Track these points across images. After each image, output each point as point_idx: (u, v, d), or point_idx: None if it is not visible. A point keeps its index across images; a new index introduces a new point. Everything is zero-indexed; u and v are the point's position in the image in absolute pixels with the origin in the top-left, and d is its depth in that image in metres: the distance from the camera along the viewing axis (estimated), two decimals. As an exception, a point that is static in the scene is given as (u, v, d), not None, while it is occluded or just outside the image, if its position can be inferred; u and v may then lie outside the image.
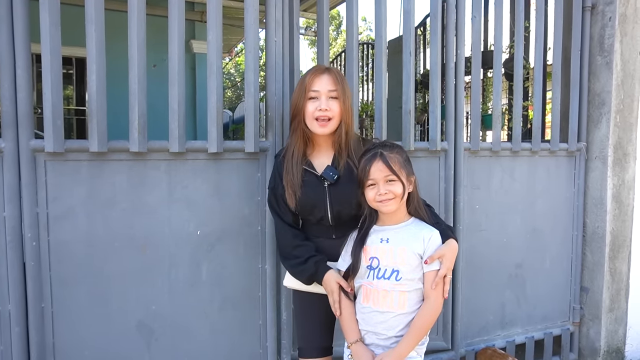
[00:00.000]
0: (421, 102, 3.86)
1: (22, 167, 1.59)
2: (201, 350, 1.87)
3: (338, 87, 1.55)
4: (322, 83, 1.55)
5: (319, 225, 1.63)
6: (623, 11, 2.40)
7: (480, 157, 2.32)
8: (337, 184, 1.58)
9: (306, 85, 1.55)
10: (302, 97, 1.56)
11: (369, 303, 1.49)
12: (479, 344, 2.37)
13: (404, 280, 1.46)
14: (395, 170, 1.45)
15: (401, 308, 1.46)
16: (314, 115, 1.54)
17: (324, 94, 1.54)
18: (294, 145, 1.60)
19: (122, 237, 1.73)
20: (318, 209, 1.59)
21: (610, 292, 2.53)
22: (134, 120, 1.68)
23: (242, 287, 1.90)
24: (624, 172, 2.50)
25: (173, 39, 1.71)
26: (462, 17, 2.20)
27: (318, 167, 1.62)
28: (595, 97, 2.51)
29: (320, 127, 1.55)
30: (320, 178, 1.59)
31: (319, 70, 1.58)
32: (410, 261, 1.47)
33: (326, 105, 1.53)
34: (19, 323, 1.62)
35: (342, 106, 1.55)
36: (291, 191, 1.57)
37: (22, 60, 1.56)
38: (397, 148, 1.52)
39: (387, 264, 1.48)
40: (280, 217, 1.64)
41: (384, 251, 1.50)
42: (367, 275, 1.51)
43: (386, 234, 1.52)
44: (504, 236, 2.40)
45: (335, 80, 1.56)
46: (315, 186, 1.59)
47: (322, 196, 1.58)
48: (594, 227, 2.54)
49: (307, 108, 1.55)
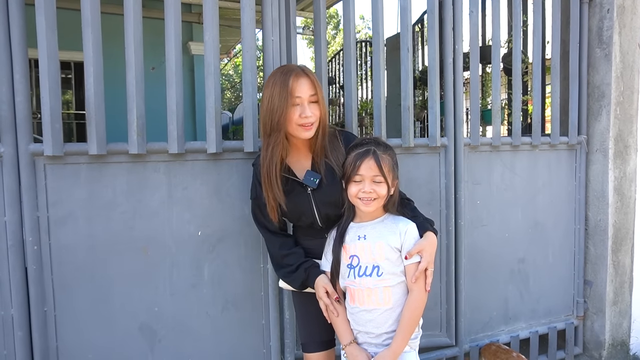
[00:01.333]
0: (420, 98, 3.85)
1: (21, 172, 1.59)
2: (204, 351, 1.87)
3: (317, 90, 1.53)
4: (304, 88, 1.50)
5: (310, 229, 1.64)
6: (621, 3, 2.39)
7: (480, 152, 2.31)
8: (320, 187, 1.56)
9: (290, 90, 1.48)
10: (284, 102, 1.48)
11: (356, 303, 1.49)
12: (482, 340, 2.37)
13: (386, 274, 1.46)
14: (384, 172, 1.44)
15: (387, 304, 1.46)
16: (297, 122, 1.50)
17: (306, 100, 1.50)
18: (271, 156, 1.51)
19: (123, 240, 1.73)
20: (306, 216, 1.58)
21: (613, 285, 2.52)
22: (132, 122, 1.68)
23: (244, 287, 1.90)
24: (625, 164, 2.49)
25: (170, 40, 1.71)
26: (460, 12, 2.20)
27: (298, 171, 1.59)
28: (595, 90, 2.50)
29: (305, 131, 1.51)
30: (303, 185, 1.57)
31: (299, 74, 1.51)
32: (389, 255, 1.47)
33: (309, 112, 1.50)
34: (21, 327, 1.62)
35: (321, 108, 1.54)
36: (273, 204, 1.54)
37: (19, 64, 1.56)
38: (389, 150, 1.52)
39: (366, 260, 1.48)
40: (266, 227, 1.64)
41: (362, 248, 1.50)
42: (347, 274, 1.51)
43: (363, 230, 1.52)
44: (505, 231, 2.39)
45: (313, 84, 1.52)
46: (299, 194, 1.57)
47: (307, 203, 1.57)
48: (596, 220, 2.54)
49: (290, 114, 1.49)
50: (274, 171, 1.51)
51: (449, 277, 2.24)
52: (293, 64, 1.73)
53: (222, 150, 1.81)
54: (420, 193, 2.15)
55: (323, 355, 1.69)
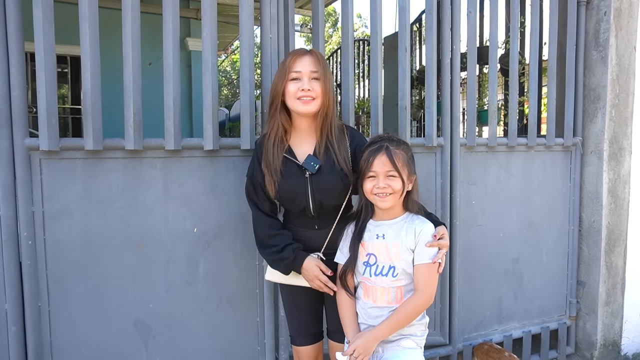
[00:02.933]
0: (417, 98, 3.86)
1: (17, 166, 1.59)
2: (199, 348, 1.87)
3: (319, 68, 1.53)
4: (304, 64, 1.53)
5: (302, 217, 1.62)
6: (618, 5, 2.40)
7: (476, 153, 2.32)
8: (319, 173, 1.56)
9: (287, 67, 1.53)
10: (282, 79, 1.53)
11: (369, 299, 1.51)
12: (476, 339, 2.38)
13: (400, 275, 1.47)
14: (398, 167, 1.44)
15: (398, 302, 1.48)
16: (296, 95, 1.52)
17: (306, 75, 1.52)
18: (273, 131, 1.57)
19: (118, 236, 1.72)
20: (299, 200, 1.57)
21: (606, 285, 2.54)
22: (129, 118, 1.67)
23: (239, 284, 1.90)
24: (620, 166, 2.51)
25: (168, 37, 1.71)
26: (458, 12, 2.20)
27: (299, 155, 1.59)
28: (591, 92, 2.51)
29: (303, 104, 1.52)
30: (302, 168, 1.57)
31: (300, 52, 1.56)
32: (405, 256, 1.47)
33: (309, 86, 1.51)
34: (15, 322, 1.62)
35: (324, 87, 1.53)
36: (270, 178, 1.55)
37: (15, 58, 1.56)
38: (403, 145, 1.51)
39: (383, 260, 1.49)
40: (257, 206, 1.62)
41: (380, 247, 1.50)
42: (363, 271, 1.52)
43: (382, 229, 1.52)
44: (500, 231, 2.41)
45: (317, 61, 1.54)
46: (297, 176, 1.57)
47: (303, 186, 1.56)
48: (590, 221, 2.55)
49: (288, 88, 1.53)
50: (276, 144, 1.55)
51: (443, 277, 2.25)
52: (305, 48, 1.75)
53: (218, 147, 1.81)
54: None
55: (311, 348, 1.71)
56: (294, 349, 1.75)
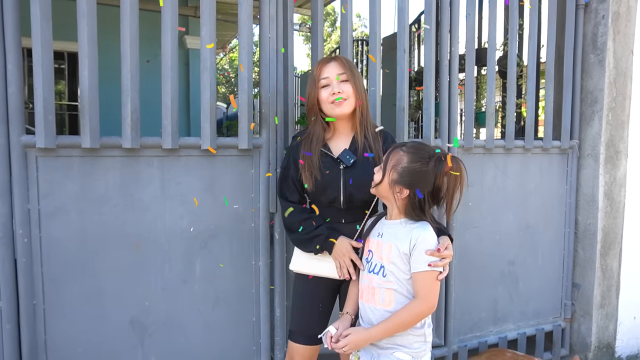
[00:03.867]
0: (415, 99, 3.86)
1: (13, 163, 1.58)
2: (194, 347, 1.87)
3: (347, 70, 1.61)
4: (330, 69, 1.61)
5: (330, 208, 1.65)
6: (616, 9, 2.41)
7: (473, 155, 2.32)
8: (353, 167, 1.61)
9: (316, 76, 1.63)
10: (314, 88, 1.63)
11: (363, 299, 1.51)
12: (471, 340, 2.39)
13: (390, 277, 1.44)
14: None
15: (388, 305, 1.44)
16: (328, 100, 1.60)
17: (334, 79, 1.60)
18: (313, 132, 1.65)
19: (114, 234, 1.72)
20: (331, 190, 1.61)
21: (601, 288, 2.55)
22: (126, 116, 1.66)
23: (235, 284, 1.90)
24: (616, 169, 2.52)
25: (166, 35, 1.70)
26: (457, 14, 2.20)
27: (335, 150, 1.66)
28: (588, 95, 2.52)
29: (337, 106, 1.60)
30: (337, 160, 1.62)
31: (325, 60, 1.65)
32: (395, 259, 1.43)
33: (339, 88, 1.59)
34: (10, 320, 1.61)
35: (354, 87, 1.61)
36: (308, 173, 1.61)
37: (12, 54, 1.55)
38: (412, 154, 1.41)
39: (377, 258, 1.48)
40: (287, 197, 1.68)
41: (377, 245, 1.49)
42: (364, 267, 1.53)
43: (383, 228, 1.51)
44: (497, 233, 2.41)
45: (342, 64, 1.62)
46: (331, 167, 1.62)
47: (336, 178, 1.61)
48: (586, 224, 2.56)
49: (320, 96, 1.62)
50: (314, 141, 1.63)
51: (439, 278, 2.25)
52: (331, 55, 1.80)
53: (216, 146, 1.80)
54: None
55: (309, 349, 1.69)
56: (289, 346, 1.71)
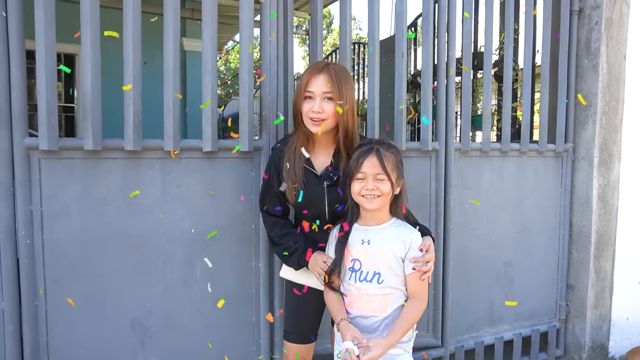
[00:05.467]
0: (412, 101, 3.90)
1: (15, 165, 1.59)
2: (195, 348, 1.88)
3: (333, 88, 1.52)
4: (317, 84, 1.54)
5: (314, 221, 1.67)
6: (609, 15, 2.46)
7: (470, 157, 2.36)
8: (336, 184, 1.61)
9: (302, 85, 1.56)
10: (299, 96, 1.59)
11: (353, 309, 1.50)
12: (468, 341, 2.42)
13: (386, 282, 1.46)
14: (387, 169, 1.45)
15: (384, 311, 1.47)
16: (308, 115, 1.56)
17: (319, 95, 1.54)
18: (296, 142, 1.63)
19: (116, 235, 1.73)
20: (315, 207, 1.62)
21: (595, 289, 2.59)
22: (128, 118, 1.68)
23: (235, 284, 1.92)
24: (609, 172, 2.56)
25: (168, 39, 1.72)
26: (454, 18, 2.24)
27: (317, 166, 1.65)
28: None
29: (313, 126, 1.56)
30: (320, 178, 1.62)
31: (315, 70, 1.56)
32: (392, 264, 1.47)
33: (319, 107, 1.53)
34: (12, 321, 1.62)
35: (340, 109, 1.54)
36: (291, 185, 1.59)
37: (16, 57, 1.56)
38: (393, 148, 1.53)
39: (368, 266, 1.48)
40: (268, 209, 1.68)
41: (365, 253, 1.49)
42: (349, 277, 1.51)
43: (367, 234, 1.52)
44: (493, 235, 2.45)
45: (331, 80, 1.53)
46: (315, 185, 1.62)
47: (320, 196, 1.61)
48: (580, 226, 2.60)
49: (302, 107, 1.58)
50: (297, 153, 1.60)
51: (436, 279, 2.28)
52: (324, 61, 1.74)
53: (217, 148, 1.82)
54: (410, 196, 2.15)
55: (304, 347, 1.74)
56: (284, 345, 1.77)
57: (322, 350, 2.05)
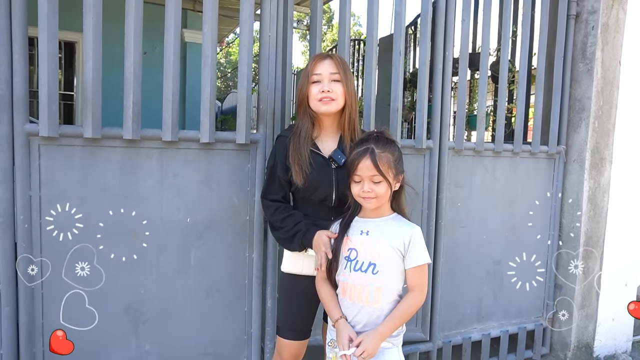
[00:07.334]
0: (409, 99, 3.93)
1: (16, 151, 1.62)
2: (187, 335, 1.92)
3: (340, 71, 1.62)
4: (324, 67, 1.63)
5: (320, 206, 1.69)
6: (605, 21, 2.49)
7: (463, 156, 2.39)
8: (344, 166, 1.62)
9: (309, 71, 1.64)
10: (305, 82, 1.64)
11: (346, 297, 1.51)
12: (455, 336, 2.46)
13: (381, 274, 1.47)
14: (382, 171, 1.44)
15: (376, 303, 1.47)
16: (317, 97, 1.61)
17: (326, 77, 1.62)
18: (301, 126, 1.66)
19: (112, 223, 1.76)
20: (323, 189, 1.64)
21: (582, 290, 2.64)
22: (128, 108, 1.71)
23: (229, 274, 1.95)
24: (600, 175, 2.60)
25: (169, 31, 1.74)
26: (452, 20, 2.27)
27: (324, 150, 1.68)
28: (576, 103, 2.60)
29: (324, 104, 1.61)
30: (328, 160, 1.65)
31: (320, 56, 1.66)
32: (388, 255, 1.48)
33: (329, 87, 1.61)
34: (9, 303, 1.65)
35: (345, 88, 1.62)
36: (298, 169, 1.61)
37: (18, 44, 1.58)
38: (390, 146, 1.50)
39: (364, 256, 1.49)
40: (270, 196, 1.69)
41: (363, 243, 1.51)
42: (344, 266, 1.52)
43: (367, 226, 1.53)
44: (483, 233, 2.49)
45: (337, 64, 1.63)
46: (322, 167, 1.65)
47: (328, 177, 1.64)
48: (570, 227, 2.65)
49: (310, 91, 1.63)
50: (303, 136, 1.64)
51: (426, 275, 2.32)
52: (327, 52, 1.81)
53: (214, 140, 1.85)
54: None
55: (297, 344, 1.72)
56: (277, 341, 1.76)
57: (312, 341, 2.08)
